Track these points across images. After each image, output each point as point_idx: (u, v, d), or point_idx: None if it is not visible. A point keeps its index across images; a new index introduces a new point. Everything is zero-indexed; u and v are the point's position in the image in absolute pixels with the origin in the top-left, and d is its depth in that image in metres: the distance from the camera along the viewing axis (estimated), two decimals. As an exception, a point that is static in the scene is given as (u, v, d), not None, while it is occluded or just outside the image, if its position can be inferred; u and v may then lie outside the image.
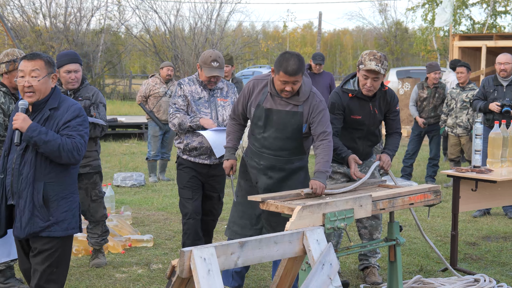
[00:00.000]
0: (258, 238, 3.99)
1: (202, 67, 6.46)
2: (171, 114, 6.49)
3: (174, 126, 6.47)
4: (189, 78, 6.59)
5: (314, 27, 71.28)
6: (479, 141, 7.14)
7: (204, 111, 6.46)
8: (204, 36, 35.73)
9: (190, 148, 6.47)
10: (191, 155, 6.50)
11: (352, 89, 6.20)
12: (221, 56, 6.50)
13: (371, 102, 6.22)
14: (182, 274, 3.70)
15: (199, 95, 6.51)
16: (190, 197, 6.52)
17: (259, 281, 6.52)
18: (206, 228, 6.81)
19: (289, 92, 5.44)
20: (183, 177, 6.57)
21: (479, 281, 6.24)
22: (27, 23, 36.85)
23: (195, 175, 6.53)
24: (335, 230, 4.65)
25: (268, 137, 5.60)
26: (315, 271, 4.11)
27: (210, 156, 6.47)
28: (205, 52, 6.53)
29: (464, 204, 6.95)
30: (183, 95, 6.49)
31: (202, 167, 6.51)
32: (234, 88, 6.75)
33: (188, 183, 6.53)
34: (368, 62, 5.94)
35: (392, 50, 52.52)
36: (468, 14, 37.71)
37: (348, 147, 6.20)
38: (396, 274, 5.56)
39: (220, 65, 6.45)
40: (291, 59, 5.33)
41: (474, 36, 21.05)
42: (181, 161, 6.59)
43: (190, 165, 6.53)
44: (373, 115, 6.26)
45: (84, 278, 6.51)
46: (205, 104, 6.50)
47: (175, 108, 6.49)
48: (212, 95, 6.54)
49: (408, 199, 5.28)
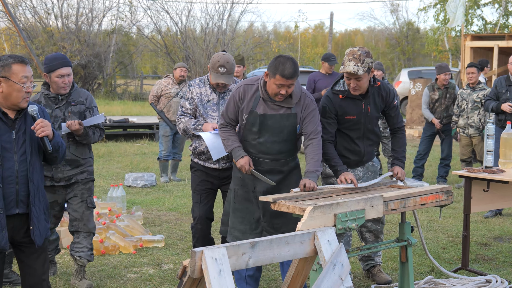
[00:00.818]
0: (269, 238, 3.98)
1: (210, 71, 6.27)
2: (178, 117, 6.37)
3: (180, 130, 6.36)
4: (200, 79, 6.41)
5: (325, 28, 71.26)
6: (491, 141, 7.11)
7: (212, 115, 6.26)
8: (215, 36, 35.76)
9: (198, 152, 6.35)
10: (200, 158, 6.37)
11: (342, 90, 6.08)
12: (230, 61, 6.20)
13: (364, 100, 6.07)
14: (193, 275, 3.70)
15: (208, 97, 6.30)
16: (198, 201, 6.42)
17: (270, 282, 6.52)
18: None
19: (283, 96, 5.43)
20: (194, 180, 6.46)
21: (490, 281, 6.22)
22: (39, 23, 37.00)
23: (206, 179, 6.39)
24: (346, 230, 4.65)
25: (265, 142, 5.60)
26: (326, 271, 4.10)
27: (218, 161, 6.29)
28: (215, 55, 6.30)
29: (476, 205, 6.93)
30: (191, 97, 6.32)
31: (212, 171, 6.36)
32: None
33: (198, 186, 6.42)
34: (347, 63, 5.79)
35: (403, 50, 52.44)
36: (480, 14, 37.61)
37: (349, 149, 6.16)
38: (407, 275, 5.55)
39: (228, 71, 6.19)
40: (287, 62, 5.33)
41: (486, 36, 21.01)
42: (193, 164, 6.49)
43: (201, 168, 6.39)
44: (367, 113, 6.11)
45: (96, 278, 6.52)
46: (213, 107, 6.28)
47: (181, 111, 6.36)
48: (222, 98, 6.31)
49: (419, 199, 5.26)
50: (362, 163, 6.29)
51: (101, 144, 17.39)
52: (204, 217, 6.40)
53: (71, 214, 6.28)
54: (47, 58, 6.13)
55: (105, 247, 7.37)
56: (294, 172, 5.78)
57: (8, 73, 4.48)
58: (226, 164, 6.30)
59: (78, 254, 6.27)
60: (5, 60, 4.51)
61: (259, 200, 5.23)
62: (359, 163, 6.27)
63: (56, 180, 6.15)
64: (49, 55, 6.23)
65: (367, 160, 6.33)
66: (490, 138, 7.11)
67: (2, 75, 4.48)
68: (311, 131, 5.54)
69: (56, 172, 6.11)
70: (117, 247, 7.42)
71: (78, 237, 6.31)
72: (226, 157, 6.19)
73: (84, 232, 6.31)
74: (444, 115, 11.88)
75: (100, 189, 11.15)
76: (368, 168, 6.36)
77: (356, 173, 6.26)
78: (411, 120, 21.14)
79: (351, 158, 6.20)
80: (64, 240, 7.44)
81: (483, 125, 11.26)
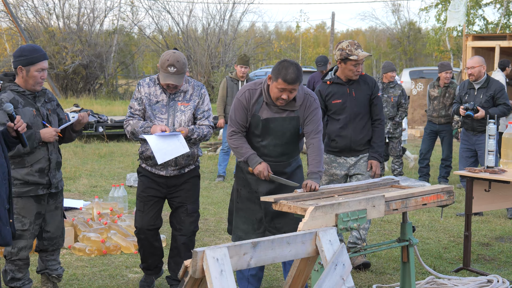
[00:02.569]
0: (271, 238, 3.99)
1: (159, 71, 5.84)
2: (126, 119, 5.93)
3: (128, 133, 5.90)
4: (150, 78, 5.99)
5: (327, 28, 71.21)
6: (492, 141, 7.12)
7: (160, 117, 5.86)
8: (217, 36, 35.82)
9: (145, 156, 5.95)
10: (147, 164, 5.98)
11: (329, 78, 6.69)
12: (181, 60, 5.77)
13: (348, 85, 6.69)
14: (195, 275, 3.71)
15: (157, 98, 5.89)
16: (141, 209, 6.02)
17: (272, 282, 6.52)
18: (175, 246, 6.13)
19: (285, 101, 5.42)
20: (139, 186, 6.06)
21: (492, 282, 6.22)
22: (40, 23, 37.04)
23: (151, 186, 5.98)
24: (348, 230, 4.65)
25: (268, 145, 5.60)
26: (328, 271, 4.10)
27: (166, 167, 5.92)
28: (164, 54, 5.85)
29: (477, 205, 6.94)
30: (140, 97, 5.90)
31: (159, 178, 5.98)
32: (201, 89, 6.05)
33: (142, 193, 6.01)
34: (359, 52, 6.46)
35: (405, 50, 52.47)
36: (482, 14, 37.59)
37: (338, 134, 6.66)
38: (409, 275, 5.54)
39: (178, 71, 5.74)
40: (291, 67, 5.31)
41: (488, 36, 20.97)
42: (140, 169, 6.09)
43: (147, 174, 6.00)
44: (352, 97, 6.66)
45: (97, 278, 6.53)
46: (162, 109, 5.87)
47: (130, 113, 5.93)
48: (173, 99, 5.90)
49: (421, 199, 5.26)
50: (353, 151, 6.73)
51: (103, 144, 17.40)
52: (146, 228, 6.02)
53: (52, 232, 5.87)
54: (24, 49, 5.54)
55: (107, 247, 7.37)
56: (296, 173, 5.78)
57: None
58: (174, 172, 5.97)
59: (57, 273, 6.02)
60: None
61: (261, 201, 5.24)
62: (350, 150, 6.73)
63: (51, 186, 5.72)
64: (24, 45, 5.65)
65: (359, 152, 6.75)
66: (491, 138, 7.12)
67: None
68: (312, 130, 5.54)
69: (51, 177, 5.68)
70: (118, 247, 7.42)
71: (53, 254, 5.99)
72: (173, 163, 5.91)
73: (58, 248, 6.01)
74: (443, 114, 11.87)
75: (102, 189, 11.15)
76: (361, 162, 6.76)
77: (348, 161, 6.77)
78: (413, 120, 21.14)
79: (339, 142, 6.72)
80: (67, 240, 7.43)
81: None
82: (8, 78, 5.63)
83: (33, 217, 5.63)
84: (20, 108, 5.42)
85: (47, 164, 5.63)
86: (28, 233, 5.63)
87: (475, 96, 9.60)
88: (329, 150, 6.77)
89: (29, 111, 5.48)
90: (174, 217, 6.12)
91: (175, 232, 6.11)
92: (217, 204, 10.13)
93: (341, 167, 6.77)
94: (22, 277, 5.73)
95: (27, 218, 5.60)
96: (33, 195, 5.59)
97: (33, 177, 5.56)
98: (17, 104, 5.41)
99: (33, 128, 5.43)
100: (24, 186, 5.54)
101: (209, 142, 17.59)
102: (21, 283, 5.72)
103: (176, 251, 6.11)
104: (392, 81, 11.87)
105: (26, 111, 5.46)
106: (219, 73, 33.81)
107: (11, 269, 5.64)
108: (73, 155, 15.22)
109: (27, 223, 5.61)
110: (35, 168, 5.56)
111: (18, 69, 5.51)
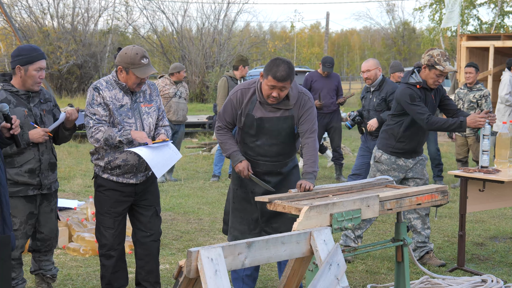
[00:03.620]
0: (265, 238, 3.99)
1: (129, 69, 5.41)
2: (92, 127, 5.40)
3: (98, 141, 5.39)
4: (106, 81, 5.53)
5: (321, 28, 71.20)
6: (486, 141, 7.13)
7: (128, 122, 5.48)
8: (211, 36, 35.82)
9: (112, 166, 5.52)
10: (113, 173, 5.56)
11: (417, 81, 6.70)
12: (145, 51, 5.52)
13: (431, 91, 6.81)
14: (189, 275, 3.71)
15: (121, 102, 5.48)
16: (111, 227, 5.64)
17: (267, 282, 6.52)
18: (148, 253, 5.78)
19: (276, 98, 5.40)
20: (104, 201, 5.61)
21: (486, 281, 6.23)
22: (34, 23, 36.99)
23: (120, 200, 5.62)
24: (342, 230, 4.65)
25: (262, 144, 5.59)
26: (322, 271, 4.11)
27: (136, 174, 5.58)
28: (126, 51, 5.46)
29: (472, 205, 6.95)
30: (103, 103, 5.43)
31: (127, 187, 5.60)
32: (157, 88, 5.81)
33: (110, 209, 5.61)
34: (447, 64, 6.54)
35: (399, 50, 52.54)
36: (476, 14, 37.64)
37: (410, 137, 6.88)
38: (403, 275, 5.55)
39: (149, 61, 5.47)
40: (282, 65, 5.30)
41: (482, 36, 21.00)
42: (101, 181, 5.60)
43: (112, 187, 5.58)
44: (433, 102, 6.82)
45: (91, 279, 6.52)
46: (128, 113, 5.49)
47: (96, 119, 5.41)
48: (135, 101, 5.56)
49: (415, 199, 5.27)
50: (417, 153, 7.03)
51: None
52: (116, 245, 5.70)
53: (45, 233, 5.84)
54: (22, 49, 5.52)
55: (101, 247, 7.35)
56: (293, 173, 5.77)
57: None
58: (143, 178, 5.67)
59: (51, 273, 6.01)
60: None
61: (257, 201, 5.24)
62: (416, 153, 7.03)
63: (42, 187, 5.66)
64: (22, 45, 5.64)
65: (420, 152, 7.07)
66: (486, 138, 7.13)
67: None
68: (307, 130, 5.51)
69: (42, 178, 5.62)
70: (113, 247, 7.40)
71: (46, 255, 5.95)
72: (144, 169, 5.61)
73: (53, 248, 5.99)
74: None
75: (96, 189, 11.13)
76: (418, 161, 7.04)
77: (407, 164, 6.99)
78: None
79: (407, 144, 6.93)
80: (61, 240, 7.42)
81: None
82: (4, 78, 5.60)
83: (25, 217, 5.59)
84: (11, 108, 5.37)
85: (37, 164, 5.59)
86: (19, 233, 5.59)
87: (370, 100, 9.37)
88: (393, 151, 6.96)
89: (20, 111, 5.45)
90: (141, 222, 5.77)
91: (145, 239, 5.77)
92: (211, 204, 10.13)
93: (400, 170, 6.99)
94: (16, 277, 5.69)
95: (17, 218, 5.55)
96: (23, 196, 5.56)
97: (23, 177, 5.53)
98: (8, 104, 5.35)
99: (22, 129, 5.38)
100: (14, 186, 5.50)
101: (203, 142, 17.60)
102: (14, 283, 5.67)
103: (149, 258, 5.79)
104: (399, 81, 11.83)
105: (17, 111, 5.43)
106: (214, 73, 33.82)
107: None
108: (67, 155, 15.21)
109: (18, 223, 5.57)
110: (24, 168, 5.53)
111: (17, 68, 5.49)
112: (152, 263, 5.81)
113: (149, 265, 5.81)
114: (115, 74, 5.52)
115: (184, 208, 9.79)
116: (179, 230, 8.52)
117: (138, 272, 5.85)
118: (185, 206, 9.97)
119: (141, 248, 5.78)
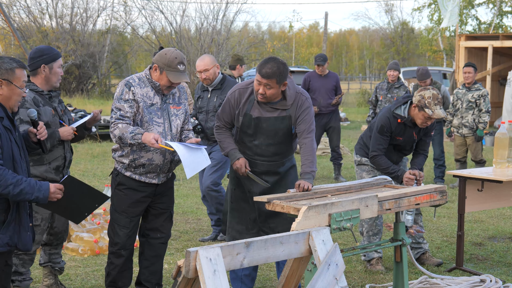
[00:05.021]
0: (264, 238, 3.99)
1: (164, 70, 5.39)
2: (113, 122, 5.39)
3: (115, 137, 5.38)
4: (139, 78, 5.52)
5: (320, 28, 71.32)
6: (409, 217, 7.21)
7: (157, 121, 5.45)
8: (210, 36, 35.75)
9: (136, 164, 5.49)
10: (136, 172, 5.53)
11: (402, 116, 6.54)
12: (185, 57, 5.53)
13: (415, 129, 6.64)
14: (188, 275, 3.71)
15: (151, 100, 5.45)
16: (126, 226, 5.60)
17: (265, 282, 6.52)
18: (155, 255, 5.79)
19: (262, 96, 5.39)
20: (123, 200, 5.58)
21: (485, 281, 6.23)
22: (33, 23, 36.91)
23: (140, 200, 5.59)
24: (341, 230, 4.65)
25: (260, 144, 5.60)
26: (321, 271, 4.11)
27: (158, 175, 5.57)
28: (166, 52, 5.46)
29: (470, 205, 6.95)
30: (133, 99, 5.39)
31: (149, 187, 5.59)
32: (185, 92, 5.83)
33: (128, 209, 5.59)
34: (437, 110, 6.29)
35: (398, 50, 52.52)
36: (474, 14, 37.69)
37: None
38: (402, 274, 5.55)
39: (185, 69, 5.48)
40: (270, 62, 5.32)
41: (480, 36, 21.04)
42: (122, 180, 5.58)
43: (133, 186, 5.55)
44: (413, 139, 6.71)
45: (90, 278, 6.52)
46: (158, 112, 5.47)
47: (119, 115, 5.37)
48: (165, 102, 5.54)
49: (414, 199, 5.27)
50: None
51: (96, 144, 17.38)
52: (129, 245, 5.69)
53: (58, 227, 5.93)
54: (42, 49, 5.65)
55: (100, 247, 7.36)
56: (290, 172, 5.77)
57: (12, 77, 4.44)
58: (164, 179, 5.66)
59: (59, 265, 6.08)
60: (9, 63, 4.45)
61: (255, 201, 5.24)
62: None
63: None
64: (39, 46, 5.76)
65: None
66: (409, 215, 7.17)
67: (4, 78, 4.43)
68: (304, 130, 5.51)
69: (65, 175, 5.66)
70: (111, 247, 7.40)
71: (57, 248, 6.06)
72: (167, 170, 5.59)
73: (63, 241, 6.10)
74: None
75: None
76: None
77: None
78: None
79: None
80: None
81: (477, 125, 11.28)
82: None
83: (47, 214, 5.69)
84: (41, 107, 5.53)
85: (63, 162, 5.73)
86: (39, 229, 5.68)
87: (208, 100, 7.98)
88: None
89: (48, 111, 5.59)
90: (154, 224, 5.75)
91: (154, 241, 5.77)
92: (210, 204, 10.11)
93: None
94: (25, 272, 5.76)
95: (39, 214, 5.64)
96: None
97: (51, 174, 5.63)
98: (38, 103, 5.52)
99: (52, 127, 5.53)
100: None
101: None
102: (22, 278, 5.74)
103: (155, 259, 5.80)
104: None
105: (47, 110, 5.58)
106: (213, 73, 33.70)
107: (15, 263, 5.66)
108: (66, 155, 15.19)
109: (39, 219, 5.66)
110: (52, 165, 5.65)
111: (41, 68, 5.59)
112: (157, 264, 5.82)
113: (154, 267, 5.81)
114: (148, 71, 5.51)
115: (183, 208, 9.79)
116: (178, 230, 8.52)
117: (142, 272, 5.85)
118: (183, 206, 9.97)
119: (150, 250, 5.79)
